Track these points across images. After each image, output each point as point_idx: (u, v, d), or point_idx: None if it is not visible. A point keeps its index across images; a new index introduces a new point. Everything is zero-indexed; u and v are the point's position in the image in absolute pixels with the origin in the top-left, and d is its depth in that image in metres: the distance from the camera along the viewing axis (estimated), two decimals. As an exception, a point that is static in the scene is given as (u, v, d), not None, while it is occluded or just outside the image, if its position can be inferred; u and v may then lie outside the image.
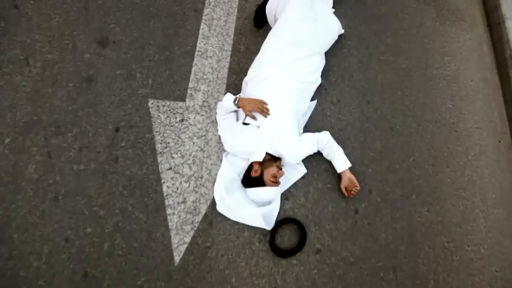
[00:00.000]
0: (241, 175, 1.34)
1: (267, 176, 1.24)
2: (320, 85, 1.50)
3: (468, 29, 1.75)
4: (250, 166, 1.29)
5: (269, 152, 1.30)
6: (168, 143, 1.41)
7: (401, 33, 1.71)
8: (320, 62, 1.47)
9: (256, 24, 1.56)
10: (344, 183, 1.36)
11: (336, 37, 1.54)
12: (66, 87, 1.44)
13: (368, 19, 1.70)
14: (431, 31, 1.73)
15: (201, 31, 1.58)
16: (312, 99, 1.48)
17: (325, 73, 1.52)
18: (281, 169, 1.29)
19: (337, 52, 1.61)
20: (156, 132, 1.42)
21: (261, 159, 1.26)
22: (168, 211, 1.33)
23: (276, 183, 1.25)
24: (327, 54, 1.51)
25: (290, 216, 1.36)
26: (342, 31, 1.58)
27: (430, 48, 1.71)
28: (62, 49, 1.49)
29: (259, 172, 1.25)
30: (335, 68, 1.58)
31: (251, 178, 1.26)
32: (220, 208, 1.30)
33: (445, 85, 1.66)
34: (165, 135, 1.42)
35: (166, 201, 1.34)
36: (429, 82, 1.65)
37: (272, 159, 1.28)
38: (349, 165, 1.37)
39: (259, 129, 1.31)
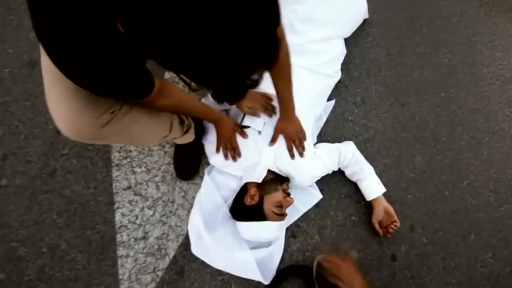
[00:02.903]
0: (230, 202, 0.93)
1: (269, 204, 0.83)
2: (339, 81, 1.13)
3: (518, 22, 1.40)
4: (244, 189, 0.88)
5: (273, 169, 0.90)
6: (130, 151, 1.01)
7: (439, 22, 1.36)
8: (342, 50, 1.10)
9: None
10: (377, 215, 0.95)
11: (361, 20, 1.19)
12: (0, 72, 1.07)
13: (398, 4, 1.36)
14: (475, 21, 1.39)
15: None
16: (328, 99, 1.10)
17: (344, 66, 1.16)
18: (289, 194, 0.88)
19: (360, 41, 1.25)
20: (114, 136, 1.02)
21: (260, 179, 0.86)
22: (121, 251, 0.91)
23: (281, 215, 0.84)
24: (347, 43, 1.15)
25: (298, 263, 0.93)
26: (367, 15, 1.23)
27: (476, 41, 1.35)
28: (4, 26, 1.14)
29: (257, 198, 0.84)
30: (357, 60, 1.22)
31: (245, 207, 0.85)
32: (196, 249, 0.87)
33: (499, 86, 1.29)
34: (126, 140, 1.02)
35: (118, 236, 0.92)
36: (479, 83, 1.28)
37: (277, 180, 0.88)
38: (384, 190, 0.97)
39: (260, 135, 0.91)
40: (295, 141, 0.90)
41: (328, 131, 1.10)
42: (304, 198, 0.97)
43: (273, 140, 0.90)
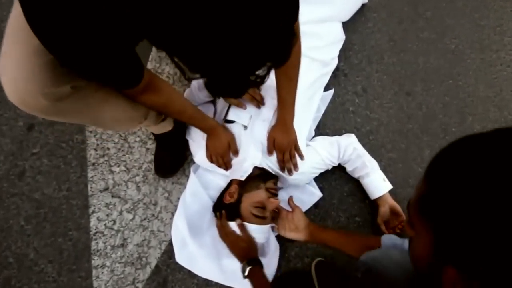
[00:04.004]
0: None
1: (247, 204, 0.74)
2: (337, 69, 1.03)
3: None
4: (229, 186, 0.79)
5: (262, 166, 0.80)
6: (108, 149, 0.91)
7: (444, 5, 1.27)
8: (340, 35, 1.01)
9: None
10: (383, 215, 0.85)
11: (359, 3, 1.10)
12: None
13: (398, -13, 1.26)
14: (481, 5, 1.30)
15: None
16: (326, 89, 1.01)
17: (343, 53, 1.07)
18: (275, 195, 0.78)
19: (359, 26, 1.16)
20: (91, 132, 0.92)
21: (244, 177, 0.76)
22: (96, 260, 0.81)
23: (262, 218, 0.74)
24: (345, 29, 1.06)
25: (298, 269, 0.83)
26: (365, 0, 1.14)
27: (484, 25, 1.26)
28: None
29: (235, 196, 0.75)
30: (357, 47, 1.13)
31: (224, 206, 0.77)
32: (180, 257, 0.77)
33: (511, 73, 1.19)
34: (104, 136, 0.92)
35: (93, 243, 0.82)
36: (489, 69, 1.19)
37: (260, 177, 0.78)
38: (390, 186, 0.87)
39: (246, 130, 0.82)
40: (285, 154, 0.79)
41: (327, 123, 1.01)
42: (302, 197, 0.87)
43: (269, 151, 0.80)
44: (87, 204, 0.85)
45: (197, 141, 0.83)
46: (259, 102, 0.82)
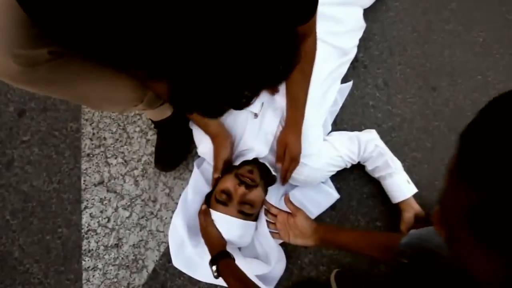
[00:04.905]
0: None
1: (215, 190, 0.67)
2: (356, 60, 0.95)
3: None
4: None
5: (263, 161, 0.71)
6: (104, 139, 0.83)
7: (470, -3, 1.18)
8: (361, 23, 0.93)
9: None
10: (407, 222, 0.76)
11: (382, -11, 1.01)
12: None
13: (421, -23, 1.17)
14: (510, -2, 1.21)
15: None
16: (343, 81, 0.92)
17: (363, 43, 0.98)
18: (245, 183, 0.65)
19: (380, 16, 1.07)
20: (86, 120, 0.85)
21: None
22: (87, 262, 0.73)
23: (223, 204, 0.64)
24: (364, 17, 0.98)
25: (312, 278, 0.74)
26: (387, -13, 1.05)
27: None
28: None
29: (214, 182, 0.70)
30: (377, 37, 1.04)
31: (209, 193, 0.71)
32: (177, 261, 0.69)
33: (543, 71, 1.09)
34: (101, 125, 0.85)
35: (84, 242, 0.74)
36: (520, 65, 1.09)
37: (246, 164, 0.69)
38: (415, 190, 0.78)
39: (256, 118, 0.73)
40: (292, 164, 0.69)
41: (344, 118, 0.92)
42: (317, 198, 0.78)
43: (279, 159, 0.69)
44: (80, 198, 0.77)
45: (200, 130, 0.75)
46: (274, 90, 0.73)
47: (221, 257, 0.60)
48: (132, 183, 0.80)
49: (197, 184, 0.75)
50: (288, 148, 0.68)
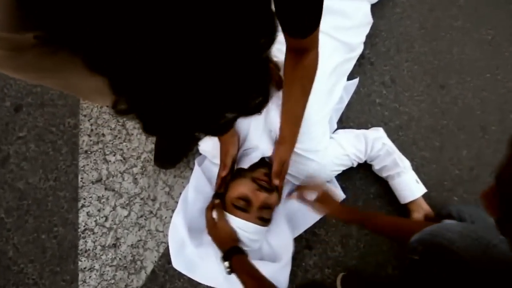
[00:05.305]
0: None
1: (230, 194, 0.64)
2: (362, 57, 0.92)
3: None
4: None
5: (267, 160, 0.69)
6: (103, 135, 0.81)
7: (478, -6, 1.15)
8: (368, 18, 0.91)
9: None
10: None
11: (389, -16, 0.99)
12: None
13: (429, -27, 1.15)
14: (518, -5, 1.18)
15: None
16: (349, 78, 0.90)
17: (369, 40, 0.95)
18: (265, 188, 0.63)
19: (387, 12, 1.05)
20: (85, 116, 0.82)
21: (247, 167, 0.65)
22: (83, 262, 0.70)
23: (244, 212, 0.61)
24: (371, 13, 0.95)
25: (316, 281, 0.72)
26: (394, -17, 1.03)
27: (522, 17, 1.14)
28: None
29: (223, 186, 0.67)
30: (384, 33, 1.02)
31: (217, 195, 0.67)
32: (177, 262, 0.66)
33: (554, 70, 1.07)
34: (99, 121, 0.82)
35: (81, 242, 0.72)
36: (530, 64, 1.06)
37: (259, 166, 0.66)
38: (424, 190, 0.76)
39: (260, 115, 0.70)
40: (281, 174, 0.65)
41: (350, 115, 0.90)
42: (323, 198, 0.75)
43: (276, 174, 0.64)
44: (76, 196, 0.75)
45: None
46: (279, 85, 0.71)
47: (234, 252, 0.57)
48: (131, 181, 0.77)
49: (198, 182, 0.72)
50: (286, 164, 0.65)
